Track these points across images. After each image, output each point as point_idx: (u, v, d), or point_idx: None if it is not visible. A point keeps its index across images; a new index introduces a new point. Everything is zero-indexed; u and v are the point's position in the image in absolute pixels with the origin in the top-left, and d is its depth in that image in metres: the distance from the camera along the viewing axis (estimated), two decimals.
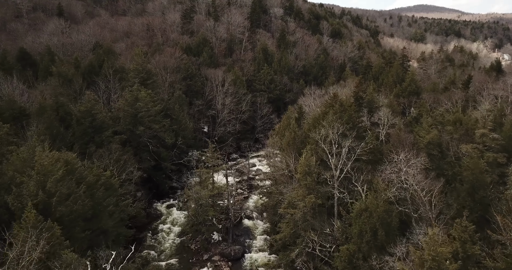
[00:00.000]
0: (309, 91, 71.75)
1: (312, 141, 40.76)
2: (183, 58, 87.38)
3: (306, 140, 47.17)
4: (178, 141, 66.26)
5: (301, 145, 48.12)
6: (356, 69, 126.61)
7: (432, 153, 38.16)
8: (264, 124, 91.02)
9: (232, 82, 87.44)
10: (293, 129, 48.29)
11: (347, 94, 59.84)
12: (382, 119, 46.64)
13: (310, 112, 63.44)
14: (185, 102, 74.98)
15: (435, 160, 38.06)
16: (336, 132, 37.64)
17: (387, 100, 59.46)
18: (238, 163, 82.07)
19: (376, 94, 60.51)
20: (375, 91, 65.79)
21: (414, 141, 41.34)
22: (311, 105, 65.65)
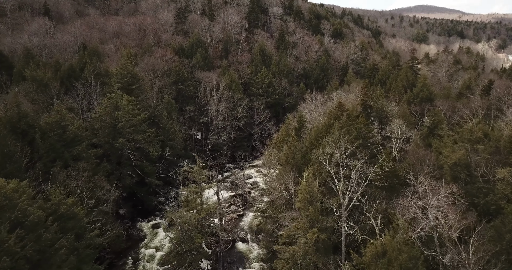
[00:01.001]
0: (310, 96, 65.50)
1: (315, 160, 34.48)
2: (175, 60, 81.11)
3: (307, 155, 40.94)
4: (165, 152, 60.10)
5: (301, 161, 41.89)
6: (359, 71, 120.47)
7: (459, 176, 31.98)
8: (262, 131, 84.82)
9: (227, 86, 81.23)
10: (293, 143, 42.03)
11: (352, 101, 53.63)
12: (395, 132, 40.36)
13: (312, 121, 57.20)
14: (175, 109, 68.76)
15: (462, 184, 31.83)
16: (344, 152, 31.35)
17: (397, 107, 53.20)
18: (233, 174, 75.86)
19: (385, 101, 54.20)
20: (383, 97, 59.55)
21: (435, 161, 35.13)
22: (313, 113, 59.37)
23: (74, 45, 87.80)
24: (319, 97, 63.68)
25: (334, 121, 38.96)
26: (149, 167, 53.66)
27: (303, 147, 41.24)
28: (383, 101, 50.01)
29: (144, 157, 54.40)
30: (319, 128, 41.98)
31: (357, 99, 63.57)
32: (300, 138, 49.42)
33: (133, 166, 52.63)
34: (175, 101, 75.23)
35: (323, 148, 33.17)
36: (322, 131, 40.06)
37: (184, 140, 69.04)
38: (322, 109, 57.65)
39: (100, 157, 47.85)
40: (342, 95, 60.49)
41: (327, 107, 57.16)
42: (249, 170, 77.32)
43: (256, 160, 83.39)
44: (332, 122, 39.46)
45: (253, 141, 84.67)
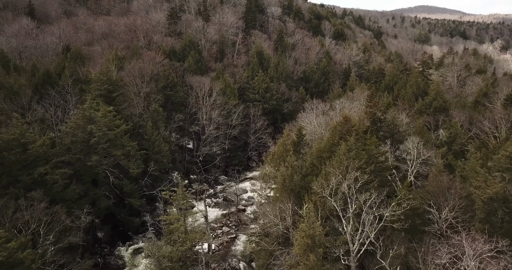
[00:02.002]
0: (311, 105, 59.39)
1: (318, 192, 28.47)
2: (164, 64, 75.08)
3: (307, 178, 34.94)
4: (149, 167, 54.11)
5: (301, 183, 35.91)
6: (362, 75, 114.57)
7: (495, 213, 26.07)
8: (259, 140, 78.82)
9: (221, 92, 75.22)
10: (290, 163, 35.98)
11: (358, 111, 47.62)
12: (411, 153, 34.35)
13: (313, 133, 51.18)
14: (162, 117, 62.70)
15: (498, 222, 25.91)
16: (353, 185, 25.36)
17: (408, 118, 47.15)
18: (227, 187, 69.81)
19: (396, 111, 48.15)
20: (392, 106, 53.56)
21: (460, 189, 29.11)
22: (313, 123, 53.33)
23: (56, 48, 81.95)
24: (320, 105, 57.58)
25: (338, 140, 32.96)
26: (129, 186, 47.65)
27: (302, 167, 35.20)
28: (394, 112, 43.95)
29: (124, 174, 48.40)
30: (321, 145, 35.95)
31: (362, 107, 57.65)
32: (299, 154, 43.44)
33: (111, 185, 46.61)
34: (163, 109, 69.22)
35: (327, 178, 27.13)
36: (325, 150, 34.10)
37: (173, 151, 62.97)
38: (323, 119, 51.62)
39: (70, 177, 41.86)
40: (345, 104, 54.50)
41: (329, 117, 51.18)
42: (244, 183, 71.45)
43: (252, 171, 77.50)
44: (336, 140, 33.47)
45: (249, 151, 78.70)
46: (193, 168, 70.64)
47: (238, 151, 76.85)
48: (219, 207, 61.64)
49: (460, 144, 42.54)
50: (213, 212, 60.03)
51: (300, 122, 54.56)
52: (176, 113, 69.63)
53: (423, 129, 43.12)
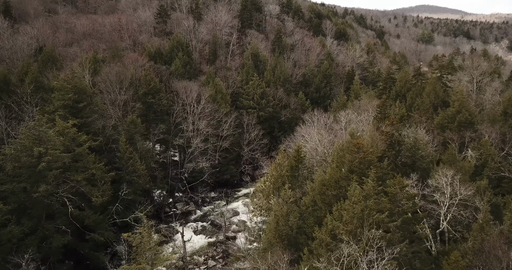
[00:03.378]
0: (311, 117, 51.12)
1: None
2: (146, 68, 66.91)
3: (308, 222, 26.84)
4: (121, 191, 46.10)
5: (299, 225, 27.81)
6: (366, 77, 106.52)
7: None
8: (253, 151, 70.73)
9: (210, 98, 67.04)
10: (285, 200, 27.84)
11: (367, 127, 39.53)
12: (445, 191, 26.26)
13: (314, 151, 43.03)
14: (140, 130, 54.55)
15: None
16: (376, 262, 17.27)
17: (428, 136, 38.99)
18: (216, 207, 61.67)
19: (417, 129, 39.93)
20: (406, 118, 45.46)
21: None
22: (314, 139, 45.13)
23: (29, 49, 73.86)
24: (322, 118, 49.36)
25: (348, 173, 24.88)
26: (92, 217, 39.54)
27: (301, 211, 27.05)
28: (415, 131, 35.91)
29: (87, 202, 40.35)
30: (325, 177, 27.87)
31: (370, 119, 49.51)
32: (297, 182, 35.30)
33: (69, 216, 38.52)
34: (144, 119, 61.21)
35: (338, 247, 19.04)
36: (330, 185, 26.05)
37: (153, 169, 54.83)
38: (326, 135, 43.45)
39: (13, 211, 33.79)
40: (351, 116, 46.36)
41: (333, 132, 43.08)
42: (236, 202, 63.41)
43: (246, 187, 69.43)
44: (345, 173, 25.35)
45: (242, 164, 70.55)
46: (178, 185, 62.57)
47: (230, 164, 68.72)
48: (205, 234, 53.54)
49: (495, 169, 34.62)
50: (199, 240, 51.97)
51: (298, 138, 46.41)
52: (158, 124, 61.46)
53: (453, 155, 34.87)
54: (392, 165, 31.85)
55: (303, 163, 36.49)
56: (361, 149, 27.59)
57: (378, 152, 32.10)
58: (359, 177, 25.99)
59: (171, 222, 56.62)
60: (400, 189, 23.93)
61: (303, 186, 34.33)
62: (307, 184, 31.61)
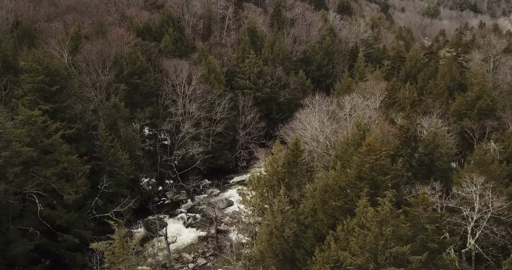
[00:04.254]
0: (312, 101, 45.98)
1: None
2: (131, 45, 61.36)
3: (306, 235, 22.47)
4: (101, 184, 41.83)
5: (295, 238, 23.47)
6: (370, 54, 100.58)
7: None
8: (249, 135, 66.13)
9: (202, 79, 61.82)
10: (280, 208, 23.39)
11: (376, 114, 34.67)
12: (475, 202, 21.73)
13: (314, 141, 38.34)
14: (124, 114, 49.73)
15: None
16: None
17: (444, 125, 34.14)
18: (209, 196, 57.53)
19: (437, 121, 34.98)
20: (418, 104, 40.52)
21: None
22: (315, 126, 40.34)
23: (6, 24, 68.08)
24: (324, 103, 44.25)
25: (355, 180, 20.33)
26: (64, 217, 35.28)
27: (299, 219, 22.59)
28: (435, 123, 31.03)
29: (59, 198, 36.01)
30: (328, 181, 23.34)
31: (377, 103, 44.57)
32: (294, 179, 30.78)
33: (38, 216, 34.30)
34: (130, 102, 56.34)
35: None
36: (334, 193, 21.51)
37: (138, 157, 50.31)
38: (329, 123, 38.62)
39: None
40: (357, 101, 41.34)
41: (336, 121, 38.27)
42: (230, 190, 59.26)
43: (242, 173, 65.22)
44: (352, 180, 20.78)
45: (237, 149, 66.06)
46: (168, 172, 58.27)
47: (225, 149, 64.18)
48: (196, 226, 49.57)
49: None
50: (189, 234, 48.12)
51: (297, 127, 41.59)
52: (146, 107, 56.57)
53: (483, 156, 29.81)
54: (407, 166, 27.33)
55: (302, 157, 31.96)
56: (373, 150, 22.94)
57: (390, 149, 27.51)
58: (369, 186, 21.49)
59: (160, 212, 52.68)
60: (425, 209, 19.38)
61: (301, 185, 29.96)
62: (307, 186, 27.11)
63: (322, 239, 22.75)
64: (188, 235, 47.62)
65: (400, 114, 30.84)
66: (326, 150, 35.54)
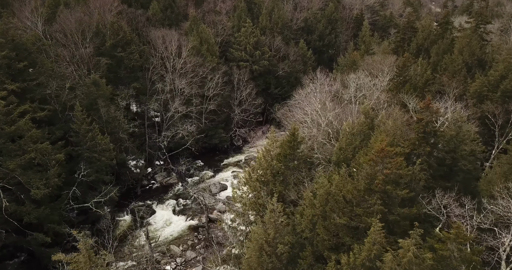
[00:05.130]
0: (313, 80, 40.97)
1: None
2: (115, 13, 55.70)
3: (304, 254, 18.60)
4: (78, 172, 37.95)
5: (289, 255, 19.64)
6: (375, 22, 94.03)
7: None
8: (245, 112, 61.66)
9: (193, 51, 56.58)
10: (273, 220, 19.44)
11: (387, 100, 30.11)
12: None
13: (315, 129, 33.96)
14: (105, 92, 45.04)
15: None
16: None
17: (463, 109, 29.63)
18: (202, 178, 53.83)
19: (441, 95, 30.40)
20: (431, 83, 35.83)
21: None
22: (316, 110, 35.84)
23: None
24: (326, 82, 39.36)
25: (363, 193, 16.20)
26: (34, 213, 31.49)
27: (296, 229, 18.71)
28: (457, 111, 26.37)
29: (26, 194, 32.11)
30: (331, 189, 19.21)
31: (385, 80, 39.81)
32: (291, 175, 26.68)
33: (3, 213, 30.54)
34: (114, 76, 51.61)
35: None
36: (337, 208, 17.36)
37: (122, 139, 46.08)
38: (331, 104, 34.05)
39: None
40: (364, 80, 36.53)
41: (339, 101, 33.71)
42: (225, 172, 55.54)
43: (237, 153, 61.32)
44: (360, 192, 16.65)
45: (233, 127, 61.77)
46: (158, 153, 54.32)
47: (219, 127, 59.90)
48: (186, 214, 46.06)
49: None
50: (178, 223, 44.76)
51: (295, 112, 36.99)
52: (131, 83, 51.80)
53: None
54: (426, 167, 23.11)
55: (300, 149, 27.74)
56: (386, 156, 18.66)
57: (404, 146, 23.22)
58: (381, 201, 17.51)
59: (148, 198, 49.23)
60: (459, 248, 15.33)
61: (299, 184, 25.95)
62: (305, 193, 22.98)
63: (322, 259, 19.01)
64: (178, 224, 44.26)
65: (418, 102, 26.34)
66: (328, 138, 31.29)
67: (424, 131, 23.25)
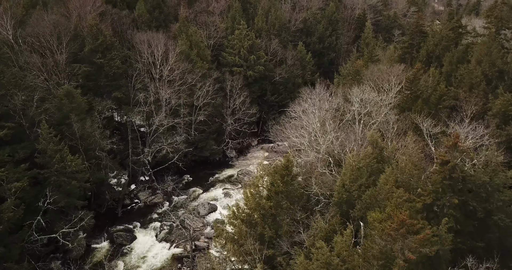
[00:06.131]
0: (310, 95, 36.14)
1: None
2: (94, 15, 50.95)
3: None
4: (42, 201, 33.47)
5: None
6: (378, 23, 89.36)
7: None
8: (239, 121, 56.99)
9: (182, 56, 51.98)
10: None
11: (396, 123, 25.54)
12: None
13: (311, 152, 29.37)
14: (80, 105, 40.40)
15: None
16: None
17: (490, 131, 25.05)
18: (190, 197, 49.20)
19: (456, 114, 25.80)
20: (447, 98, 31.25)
21: None
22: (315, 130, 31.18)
23: None
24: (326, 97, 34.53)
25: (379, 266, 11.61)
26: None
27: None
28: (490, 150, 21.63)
29: None
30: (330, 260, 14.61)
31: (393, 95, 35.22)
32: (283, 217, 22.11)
33: None
34: (94, 85, 47.09)
35: None
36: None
37: (99, 157, 41.43)
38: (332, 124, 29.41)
39: None
40: (369, 95, 31.87)
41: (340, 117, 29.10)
42: (214, 191, 50.92)
43: (231, 167, 56.70)
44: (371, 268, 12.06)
45: (225, 138, 57.10)
46: (142, 169, 49.75)
47: (210, 139, 55.23)
48: (171, 241, 41.46)
49: None
50: (161, 252, 40.19)
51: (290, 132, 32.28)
52: (112, 92, 47.21)
53: None
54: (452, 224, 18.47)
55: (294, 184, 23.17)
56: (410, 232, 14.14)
57: (424, 193, 18.62)
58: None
59: (130, 220, 44.67)
60: None
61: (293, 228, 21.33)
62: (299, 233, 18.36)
63: None
64: (160, 253, 39.75)
65: (432, 124, 21.82)
66: (327, 166, 26.68)
67: (450, 177, 18.64)
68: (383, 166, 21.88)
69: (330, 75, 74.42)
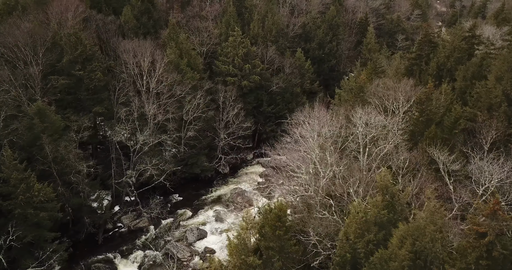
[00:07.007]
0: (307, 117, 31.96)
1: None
2: (73, 23, 47.02)
3: None
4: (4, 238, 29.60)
5: None
6: (381, 27, 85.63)
7: None
8: (232, 135, 53.04)
9: (170, 66, 48.11)
10: None
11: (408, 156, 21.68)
12: None
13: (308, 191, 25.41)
14: (55, 125, 36.51)
15: None
16: None
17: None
18: (178, 221, 45.21)
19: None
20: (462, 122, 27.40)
21: None
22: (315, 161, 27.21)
23: None
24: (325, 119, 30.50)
25: None
26: None
27: None
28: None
29: None
30: None
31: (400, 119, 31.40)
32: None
33: None
34: (73, 98, 43.24)
35: None
36: None
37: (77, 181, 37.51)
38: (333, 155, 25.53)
39: None
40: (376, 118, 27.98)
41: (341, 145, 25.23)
42: (206, 212, 47.03)
43: (223, 185, 52.77)
44: None
45: (218, 154, 53.14)
46: (126, 190, 45.81)
47: (201, 154, 51.23)
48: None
49: None
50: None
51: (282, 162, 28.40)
52: (94, 106, 43.29)
53: None
54: None
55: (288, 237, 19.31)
56: None
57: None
58: None
59: (111, 248, 40.77)
60: None
61: None
62: None
63: None
64: None
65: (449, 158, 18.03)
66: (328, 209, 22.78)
67: (489, 255, 14.52)
68: (395, 217, 18.13)
69: (330, 82, 70.64)
